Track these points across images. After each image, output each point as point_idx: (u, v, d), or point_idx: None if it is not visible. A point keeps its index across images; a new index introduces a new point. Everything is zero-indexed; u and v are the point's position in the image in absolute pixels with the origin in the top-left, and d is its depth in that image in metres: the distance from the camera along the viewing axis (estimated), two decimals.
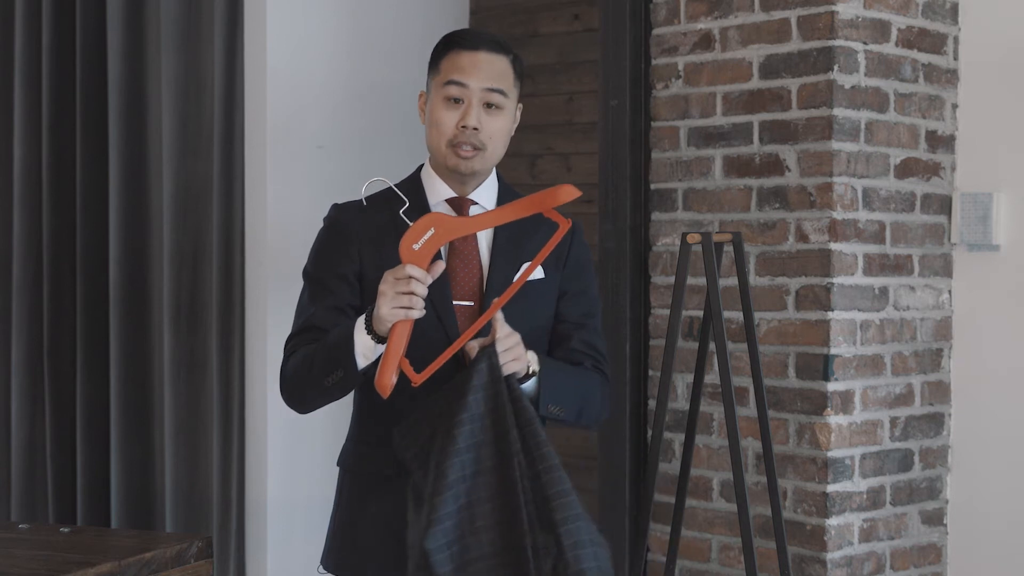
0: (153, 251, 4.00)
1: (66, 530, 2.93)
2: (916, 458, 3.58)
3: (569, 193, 2.33)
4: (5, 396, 4.21)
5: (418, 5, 4.22)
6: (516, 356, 2.37)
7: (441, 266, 2.34)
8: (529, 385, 2.43)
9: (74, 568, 2.56)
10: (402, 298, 2.30)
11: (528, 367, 2.42)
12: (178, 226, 3.91)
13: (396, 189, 2.47)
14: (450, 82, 2.49)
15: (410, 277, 2.30)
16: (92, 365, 4.08)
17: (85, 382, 4.08)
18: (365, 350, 2.36)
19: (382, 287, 2.32)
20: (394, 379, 2.30)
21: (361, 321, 2.36)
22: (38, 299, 4.17)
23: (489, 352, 2.33)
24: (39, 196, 4.16)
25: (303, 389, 2.48)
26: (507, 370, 2.34)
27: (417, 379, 2.32)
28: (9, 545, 2.80)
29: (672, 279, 3.42)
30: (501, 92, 2.50)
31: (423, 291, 2.31)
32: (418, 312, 2.31)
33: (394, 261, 2.40)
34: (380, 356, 2.35)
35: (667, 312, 3.62)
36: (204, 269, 3.90)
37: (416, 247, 2.32)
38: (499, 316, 2.36)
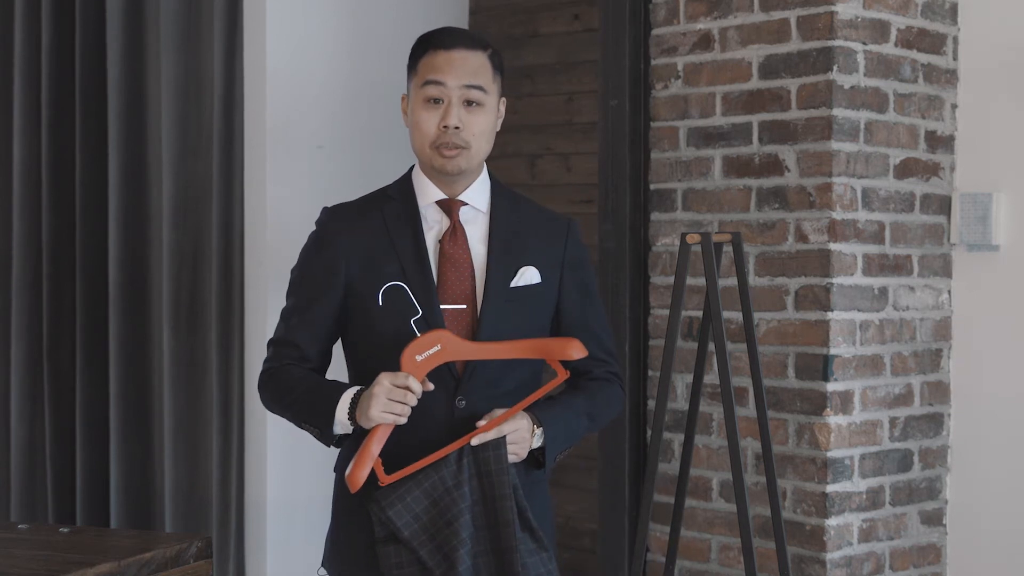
0: (153, 251, 4.00)
1: (66, 530, 2.93)
2: (915, 458, 3.58)
3: (579, 351, 2.45)
4: (5, 396, 4.21)
5: (418, 5, 4.22)
6: (517, 453, 2.45)
7: (430, 385, 2.40)
8: (536, 444, 2.50)
9: (74, 568, 2.56)
10: (394, 405, 2.37)
11: (530, 446, 2.49)
12: (178, 226, 3.91)
13: (408, 291, 2.47)
14: (428, 82, 2.48)
15: (407, 389, 2.37)
16: (92, 365, 4.08)
17: (85, 382, 4.08)
18: (343, 425, 2.45)
19: (376, 389, 2.37)
20: (364, 477, 2.38)
21: (346, 402, 2.43)
22: (38, 299, 4.17)
23: (498, 443, 2.41)
24: (39, 196, 4.16)
25: (279, 412, 2.58)
26: (509, 459, 2.43)
27: (385, 480, 2.41)
28: (9, 545, 2.80)
29: (671, 279, 3.42)
30: (480, 88, 2.50)
31: (414, 403, 2.38)
32: (403, 420, 2.38)
33: (382, 264, 2.46)
34: (355, 431, 2.44)
35: (667, 312, 3.62)
36: (204, 269, 3.90)
37: (419, 359, 2.38)
38: (498, 414, 2.45)
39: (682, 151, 3.64)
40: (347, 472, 2.40)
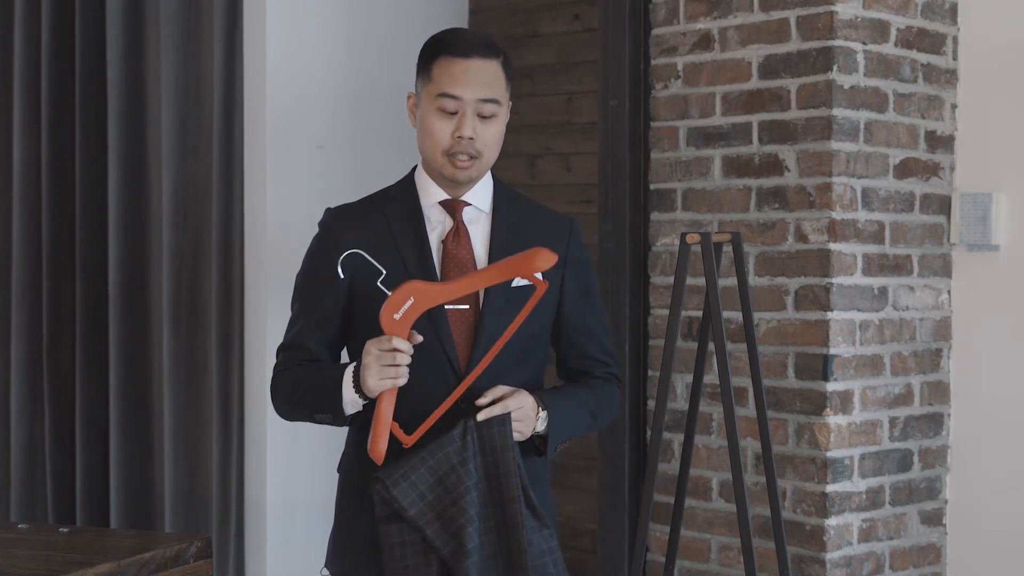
0: (153, 251, 4.00)
1: (66, 530, 2.92)
2: (915, 458, 3.58)
3: (547, 259, 2.39)
4: (5, 396, 4.21)
5: (418, 5, 4.22)
6: (521, 431, 2.45)
7: (418, 337, 2.39)
8: (540, 428, 2.49)
9: (74, 568, 2.56)
10: (388, 370, 2.37)
11: (534, 428, 2.48)
12: (178, 226, 3.91)
13: (368, 258, 2.47)
14: (443, 95, 2.47)
15: (394, 349, 2.36)
16: (92, 365, 4.08)
17: (85, 382, 4.08)
18: (352, 403, 2.45)
19: (367, 359, 2.38)
20: (385, 446, 2.38)
21: (349, 377, 2.43)
22: (38, 299, 4.17)
23: (503, 419, 2.41)
24: (39, 196, 4.16)
25: (292, 413, 2.57)
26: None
27: (408, 440, 2.40)
28: (9, 545, 2.80)
29: (671, 279, 3.42)
30: (495, 101, 2.49)
31: (407, 360, 2.37)
32: (403, 380, 2.38)
33: (385, 264, 2.46)
34: (365, 405, 2.44)
35: (666, 312, 3.62)
36: (204, 269, 3.90)
37: (397, 317, 2.37)
38: (500, 391, 2.44)
39: (682, 151, 3.64)
40: (368, 446, 2.38)
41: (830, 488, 3.37)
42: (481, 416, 2.41)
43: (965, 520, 3.63)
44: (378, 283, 2.43)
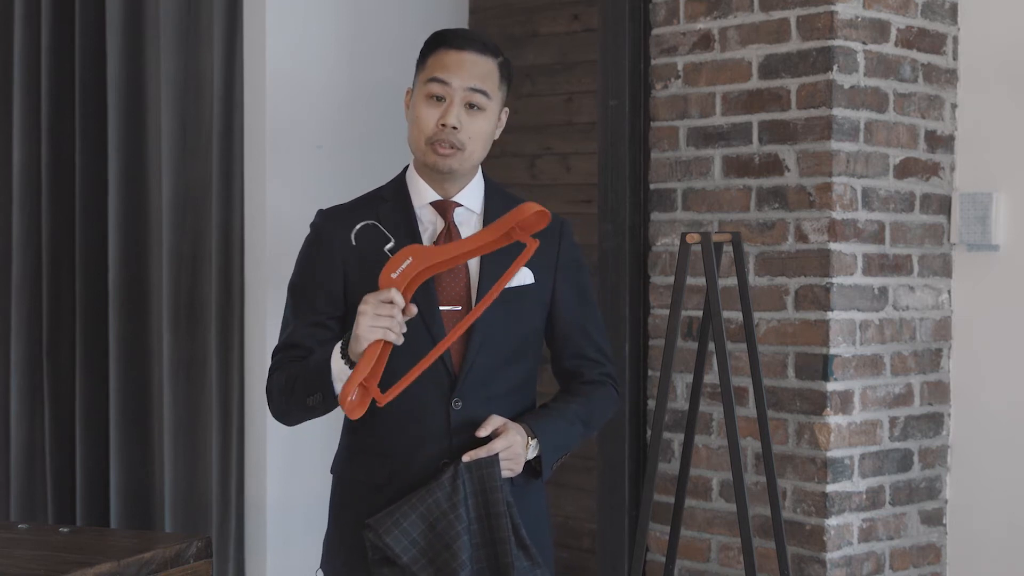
0: (152, 252, 4.00)
1: (65, 530, 2.92)
2: (915, 458, 3.58)
3: (532, 210, 2.38)
4: (5, 396, 4.21)
5: (418, 5, 4.22)
6: (512, 468, 2.45)
7: (413, 309, 2.39)
8: (531, 456, 2.51)
9: (73, 568, 2.56)
10: (382, 319, 2.35)
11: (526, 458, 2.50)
12: (177, 227, 3.91)
13: (382, 228, 2.48)
14: (433, 79, 2.48)
15: (391, 302, 2.35)
16: (92, 365, 4.08)
17: (85, 382, 4.08)
18: (341, 375, 2.42)
19: (363, 307, 2.36)
20: (355, 396, 2.37)
21: (338, 348, 2.42)
22: (37, 299, 4.17)
23: (491, 460, 2.42)
24: (38, 197, 4.16)
25: (287, 408, 2.55)
26: (504, 475, 2.44)
27: (382, 400, 2.39)
28: (8, 545, 2.79)
29: (671, 279, 3.43)
30: (483, 93, 2.49)
31: (399, 315, 2.36)
32: (395, 336, 2.36)
33: (377, 265, 2.45)
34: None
35: (666, 312, 3.62)
36: (203, 270, 3.90)
37: (395, 275, 2.38)
38: (496, 423, 2.45)
39: (682, 151, 3.64)
40: (339, 393, 2.38)
41: (830, 488, 3.37)
42: (467, 458, 2.42)
43: (965, 520, 3.63)
44: (386, 249, 2.42)
